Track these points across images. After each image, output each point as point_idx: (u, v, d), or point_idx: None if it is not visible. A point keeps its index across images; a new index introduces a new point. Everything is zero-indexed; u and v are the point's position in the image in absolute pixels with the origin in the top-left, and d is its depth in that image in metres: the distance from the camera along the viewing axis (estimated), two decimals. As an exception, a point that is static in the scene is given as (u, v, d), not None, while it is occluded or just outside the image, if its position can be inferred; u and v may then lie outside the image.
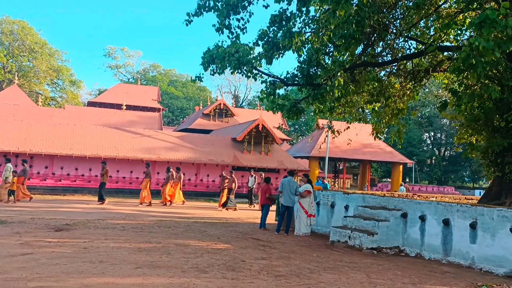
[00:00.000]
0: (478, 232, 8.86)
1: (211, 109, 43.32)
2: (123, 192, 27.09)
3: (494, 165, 11.61)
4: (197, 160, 28.20)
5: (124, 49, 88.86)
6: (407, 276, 7.81)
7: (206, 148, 29.60)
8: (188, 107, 77.90)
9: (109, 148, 27.32)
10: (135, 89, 54.85)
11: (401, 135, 15.52)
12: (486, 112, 11.01)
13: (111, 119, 37.00)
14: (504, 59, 9.89)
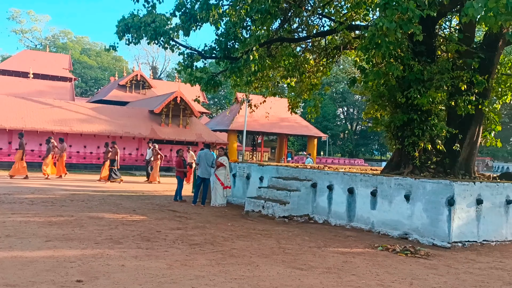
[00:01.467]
0: (378, 199, 9.70)
1: (128, 80, 41.80)
2: (32, 165, 25.52)
3: (395, 138, 12.56)
4: (113, 133, 27.27)
5: (30, 12, 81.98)
6: (314, 241, 8.39)
7: (122, 121, 28.68)
8: (103, 77, 74.32)
9: (15, 119, 25.47)
10: (44, 57, 51.10)
11: (317, 109, 16.23)
12: (389, 89, 11.82)
13: (16, 88, 34.34)
14: (406, 40, 10.68)
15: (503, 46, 11.97)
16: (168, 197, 14.54)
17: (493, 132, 13.46)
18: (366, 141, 66.42)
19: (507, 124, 43.93)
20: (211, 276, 5.60)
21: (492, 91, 12.83)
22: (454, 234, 8.38)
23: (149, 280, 5.28)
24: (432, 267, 6.84)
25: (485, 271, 6.74)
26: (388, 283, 5.83)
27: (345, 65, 53.97)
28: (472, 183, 8.75)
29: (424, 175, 11.05)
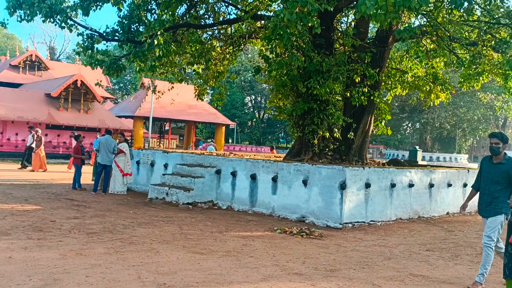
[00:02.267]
0: (278, 185, 10.11)
1: (21, 60, 38.52)
2: None
3: (297, 126, 13.11)
4: (3, 117, 25.11)
5: None
6: (216, 226, 8.54)
7: (14, 104, 26.47)
8: (-7, 56, 67.68)
9: None
10: None
11: (223, 97, 16.35)
12: (291, 79, 12.28)
13: None
14: (306, 32, 11.15)
15: (392, 42, 12.99)
16: (66, 185, 13.81)
17: (383, 121, 14.61)
18: (273, 129, 68.28)
19: (398, 115, 47.78)
20: (107, 264, 5.49)
21: (383, 84, 13.90)
22: (345, 215, 9.04)
23: (39, 271, 5.04)
24: (324, 246, 7.34)
25: (370, 248, 7.39)
26: (283, 263, 6.15)
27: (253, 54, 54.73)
28: (362, 168, 9.48)
29: (322, 162, 11.72)
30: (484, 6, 11.51)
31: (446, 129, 45.89)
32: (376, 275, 5.84)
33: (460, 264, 6.71)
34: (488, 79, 14.77)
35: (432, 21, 10.97)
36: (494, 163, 5.58)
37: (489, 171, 5.62)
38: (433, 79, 14.73)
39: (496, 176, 5.51)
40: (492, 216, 5.53)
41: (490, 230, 5.52)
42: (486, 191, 5.64)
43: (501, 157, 5.52)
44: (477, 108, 40.20)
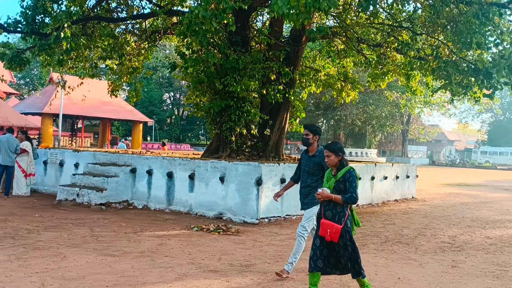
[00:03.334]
0: (196, 182, 10.04)
1: None
2: None
3: (214, 123, 13.11)
4: None
5: None
6: (131, 227, 8.29)
7: None
8: None
9: None
10: None
11: (138, 93, 15.88)
12: (208, 76, 12.23)
13: None
14: (222, 29, 11.17)
15: (306, 42, 13.43)
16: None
17: (298, 119, 15.07)
18: (193, 127, 67.69)
19: (314, 112, 49.57)
20: (8, 273, 5.10)
21: (297, 82, 14.33)
22: (261, 211, 9.21)
23: None
24: (241, 242, 7.42)
25: (285, 242, 7.60)
26: (199, 260, 6.13)
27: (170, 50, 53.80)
28: (277, 164, 9.71)
29: (239, 158, 11.83)
30: (388, 10, 12.30)
31: (357, 126, 48.45)
32: (290, 267, 6.01)
33: (367, 252, 7.12)
34: (393, 78, 15.82)
35: (341, 22, 11.51)
36: (309, 156, 5.71)
37: (306, 163, 5.71)
38: (344, 78, 15.48)
39: (311, 168, 5.63)
40: (309, 208, 5.68)
41: (305, 220, 5.68)
42: (304, 183, 5.78)
43: (315, 148, 5.66)
44: (384, 106, 42.87)
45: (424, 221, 10.54)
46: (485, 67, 10.23)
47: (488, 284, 5.64)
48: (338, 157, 4.81)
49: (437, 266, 6.43)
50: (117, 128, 61.74)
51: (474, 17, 9.20)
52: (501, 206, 14.18)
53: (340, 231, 4.59)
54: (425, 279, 5.72)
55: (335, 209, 4.69)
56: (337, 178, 4.74)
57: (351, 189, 4.62)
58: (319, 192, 4.71)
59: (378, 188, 13.26)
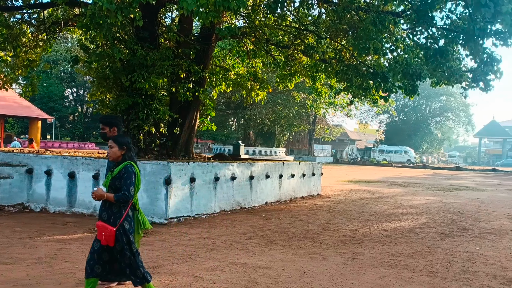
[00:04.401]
0: (100, 183, 9.55)
1: None
2: None
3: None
4: None
5: None
6: (27, 231, 7.69)
7: None
8: None
9: None
10: None
11: (34, 88, 14.79)
12: (114, 72, 11.74)
13: None
14: (129, 24, 10.79)
15: (216, 41, 13.45)
16: None
17: (208, 117, 15.06)
18: (98, 124, 64.55)
19: (224, 111, 49.89)
20: None
21: (207, 81, 14.31)
22: (170, 210, 9.05)
23: None
24: (148, 243, 7.22)
25: (194, 241, 7.53)
26: (103, 264, 5.84)
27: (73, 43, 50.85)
28: (187, 163, 9.60)
29: (148, 157, 11.52)
30: (295, 13, 12.74)
31: (266, 125, 49.65)
32: (199, 267, 5.98)
33: (275, 249, 7.30)
34: (300, 79, 16.44)
35: (251, 23, 11.69)
36: None
37: (108, 162, 5.31)
38: (253, 78, 15.75)
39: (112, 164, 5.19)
40: None
41: None
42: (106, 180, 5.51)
43: None
44: (292, 106, 44.40)
45: (328, 216, 11.07)
46: (382, 71, 11.01)
47: (383, 273, 6.07)
48: (122, 151, 4.37)
49: (339, 258, 6.78)
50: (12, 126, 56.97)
51: (372, 25, 9.85)
52: (395, 200, 15.36)
53: (114, 234, 4.22)
54: (328, 272, 6.01)
55: (111, 209, 4.32)
56: (113, 175, 4.35)
57: (125, 187, 4.24)
58: (93, 190, 4.31)
59: (286, 186, 13.68)
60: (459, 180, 29.89)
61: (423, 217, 11.44)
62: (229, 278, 5.51)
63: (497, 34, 9.67)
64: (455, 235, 9.10)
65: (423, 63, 11.19)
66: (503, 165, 72.59)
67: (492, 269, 6.50)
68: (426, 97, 76.03)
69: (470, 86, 11.42)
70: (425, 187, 21.98)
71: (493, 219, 11.57)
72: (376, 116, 77.98)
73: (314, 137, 60.96)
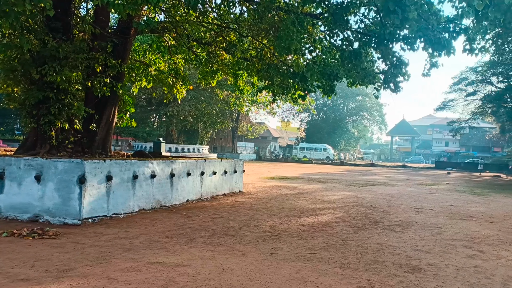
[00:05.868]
0: (6, 182, 8.92)
1: None
2: None
3: (30, 116, 11.83)
4: None
5: None
6: None
7: None
8: None
9: None
10: None
11: None
12: (23, 64, 10.99)
13: None
14: (39, 13, 10.12)
15: (135, 34, 13.04)
16: None
17: (128, 113, 14.58)
18: (6, 120, 60.08)
19: (146, 107, 48.64)
20: None
21: (126, 76, 13.84)
22: (85, 210, 8.63)
23: None
24: (59, 245, 6.84)
25: (110, 242, 7.26)
26: (7, 269, 5.45)
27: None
28: (103, 161, 9.22)
29: (62, 155, 10.91)
30: (217, 10, 12.71)
31: (189, 122, 49.14)
32: (114, 268, 5.77)
33: (195, 246, 7.25)
34: (222, 77, 16.44)
35: (171, 18, 11.48)
36: None
37: None
38: (174, 74, 15.49)
39: None
40: None
41: None
42: None
43: None
44: (215, 103, 44.38)
45: (249, 213, 11.20)
46: (301, 71, 11.34)
47: (300, 267, 6.26)
48: None
49: (258, 254, 6.89)
50: None
51: (292, 25, 10.11)
52: (314, 196, 15.92)
53: None
54: (247, 267, 6.08)
55: None
56: None
57: None
58: None
59: (207, 183, 13.64)
60: (373, 176, 31.70)
61: (339, 212, 11.97)
62: (145, 278, 5.38)
63: (405, 39, 10.37)
64: (367, 228, 9.63)
65: (340, 64, 11.70)
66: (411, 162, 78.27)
67: (398, 259, 6.96)
68: (343, 97, 79.72)
69: (382, 86, 12.13)
70: (342, 183, 23.03)
71: (401, 212, 12.39)
72: (297, 115, 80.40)
73: (237, 135, 61.44)
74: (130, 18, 10.94)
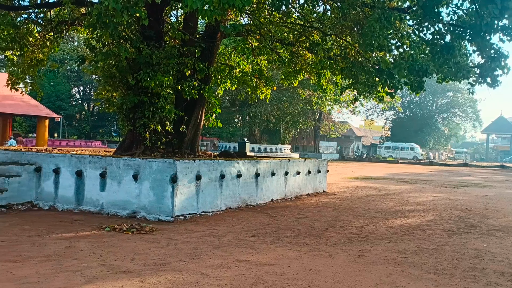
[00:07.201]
0: (107, 181, 9.65)
1: None
2: None
3: (127, 119, 12.68)
4: None
5: None
6: (35, 229, 7.76)
7: None
8: None
9: None
10: None
11: (37, 87, 14.90)
12: (120, 71, 11.81)
13: None
14: (135, 23, 10.83)
15: (221, 38, 13.47)
16: None
17: (214, 115, 15.09)
18: (104, 123, 64.91)
19: (229, 108, 49.93)
20: None
21: (213, 78, 14.33)
22: (177, 208, 9.09)
23: None
24: (155, 241, 7.27)
25: (200, 239, 7.57)
26: (110, 262, 5.90)
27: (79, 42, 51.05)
28: (193, 161, 9.63)
29: (155, 155, 11.58)
30: (300, 10, 12.71)
31: (272, 122, 49.63)
32: (205, 264, 6.01)
33: (281, 246, 7.32)
34: (305, 76, 16.41)
35: (256, 20, 11.68)
36: None
37: None
38: (258, 75, 15.74)
39: None
40: None
41: None
42: None
43: None
44: (297, 103, 44.34)
45: (334, 213, 11.08)
46: (387, 68, 10.96)
47: (390, 270, 6.07)
48: None
49: (345, 256, 6.79)
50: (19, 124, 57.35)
51: (377, 21, 9.81)
52: (401, 197, 15.33)
53: None
54: (334, 269, 6.02)
55: None
56: None
57: None
58: None
59: (291, 183, 13.69)
60: (467, 177, 29.77)
61: (430, 214, 11.41)
62: (235, 276, 5.54)
63: (504, 30, 9.62)
64: (462, 232, 9.08)
65: (430, 59, 11.13)
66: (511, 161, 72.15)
67: (499, 266, 6.48)
68: (432, 93, 75.69)
69: (477, 82, 11.35)
70: (431, 183, 21.91)
71: (501, 216, 11.52)
72: (382, 113, 77.77)
73: (319, 134, 60.89)
74: (217, 23, 11.31)
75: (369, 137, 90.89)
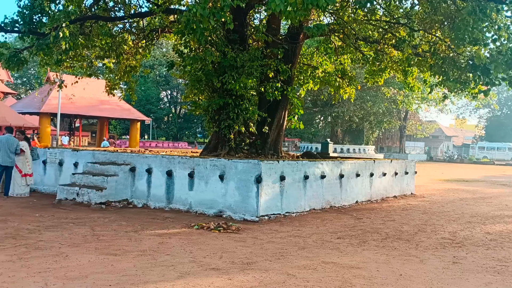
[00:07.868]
0: (195, 180, 10.05)
1: None
2: None
3: (213, 121, 13.11)
4: None
5: None
6: (131, 225, 8.30)
7: None
8: None
9: None
10: None
11: (132, 92, 15.87)
12: (206, 74, 12.22)
13: None
14: (220, 27, 11.16)
15: (303, 39, 13.44)
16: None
17: (296, 116, 15.08)
18: (190, 124, 67.68)
19: (311, 109, 49.60)
20: (10, 273, 5.11)
21: (295, 79, 14.34)
22: (261, 208, 9.23)
23: None
24: (241, 240, 7.44)
25: (285, 239, 7.62)
26: (200, 258, 6.14)
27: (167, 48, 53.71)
28: (277, 162, 9.72)
29: (238, 156, 11.85)
30: (385, 6, 12.30)
31: (355, 122, 48.52)
32: (291, 264, 6.04)
33: (368, 249, 7.14)
34: (390, 75, 15.84)
35: (339, 19, 11.50)
36: None
37: None
38: (341, 75, 15.49)
39: None
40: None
41: None
42: None
43: None
44: (381, 102, 42.93)
45: (423, 217, 10.58)
46: (482, 63, 10.25)
47: (489, 279, 5.67)
48: None
49: (438, 262, 6.46)
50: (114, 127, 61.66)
51: (471, 14, 9.21)
52: (499, 201, 14.24)
53: None
54: (427, 276, 5.75)
55: None
56: None
57: None
58: None
59: (377, 185, 13.29)
60: None
61: (533, 220, 10.47)
62: (322, 277, 5.50)
63: None
64: None
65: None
66: None
67: None
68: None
69: None
70: (533, 187, 20.09)
71: None
72: (475, 111, 72.73)
73: (405, 134, 58.47)
74: (300, 24, 11.31)
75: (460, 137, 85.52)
